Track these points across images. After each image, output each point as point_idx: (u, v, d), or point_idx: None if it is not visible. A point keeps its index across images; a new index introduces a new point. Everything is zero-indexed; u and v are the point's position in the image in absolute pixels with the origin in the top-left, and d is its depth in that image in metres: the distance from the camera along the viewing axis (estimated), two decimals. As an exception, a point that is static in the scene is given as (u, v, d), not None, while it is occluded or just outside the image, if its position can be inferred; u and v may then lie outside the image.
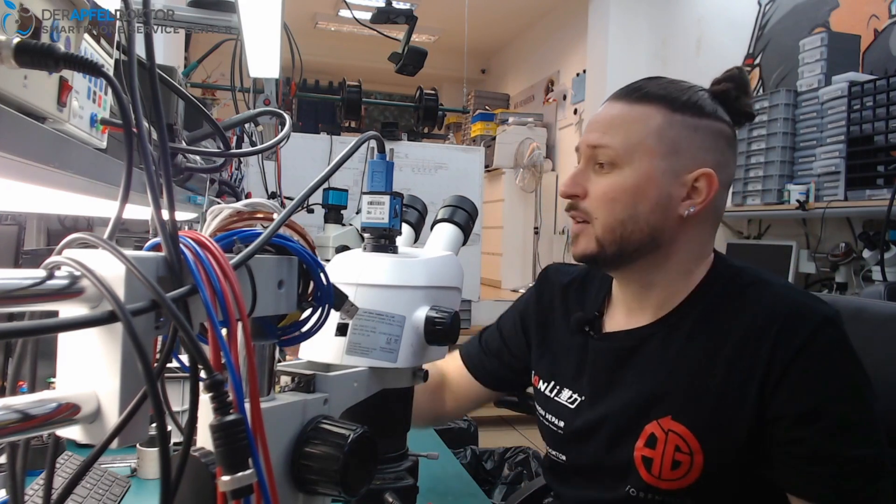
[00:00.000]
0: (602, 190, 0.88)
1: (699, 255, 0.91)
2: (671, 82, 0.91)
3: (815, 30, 3.08)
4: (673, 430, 0.84)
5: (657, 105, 0.87)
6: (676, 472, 0.83)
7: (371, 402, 0.65)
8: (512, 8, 6.09)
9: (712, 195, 0.87)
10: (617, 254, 0.88)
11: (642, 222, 0.86)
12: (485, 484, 1.79)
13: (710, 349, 0.85)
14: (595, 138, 0.89)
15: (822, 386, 0.79)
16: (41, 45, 0.41)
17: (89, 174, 0.56)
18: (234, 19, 1.41)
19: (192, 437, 0.40)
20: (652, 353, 0.90)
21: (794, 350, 0.80)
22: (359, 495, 0.52)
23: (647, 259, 0.89)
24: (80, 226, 1.90)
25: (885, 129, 2.39)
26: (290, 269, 0.52)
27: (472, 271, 3.79)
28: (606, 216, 0.87)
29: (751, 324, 0.83)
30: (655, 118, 0.86)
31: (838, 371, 0.80)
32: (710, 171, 0.86)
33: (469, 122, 6.32)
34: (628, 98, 0.89)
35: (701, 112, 0.88)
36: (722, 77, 0.92)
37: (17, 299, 0.35)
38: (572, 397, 0.97)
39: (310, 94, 5.67)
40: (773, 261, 2.94)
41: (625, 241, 0.87)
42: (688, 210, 0.87)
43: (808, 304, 0.83)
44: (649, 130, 0.86)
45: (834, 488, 0.78)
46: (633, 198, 0.86)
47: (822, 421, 0.78)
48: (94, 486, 1.10)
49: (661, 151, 0.86)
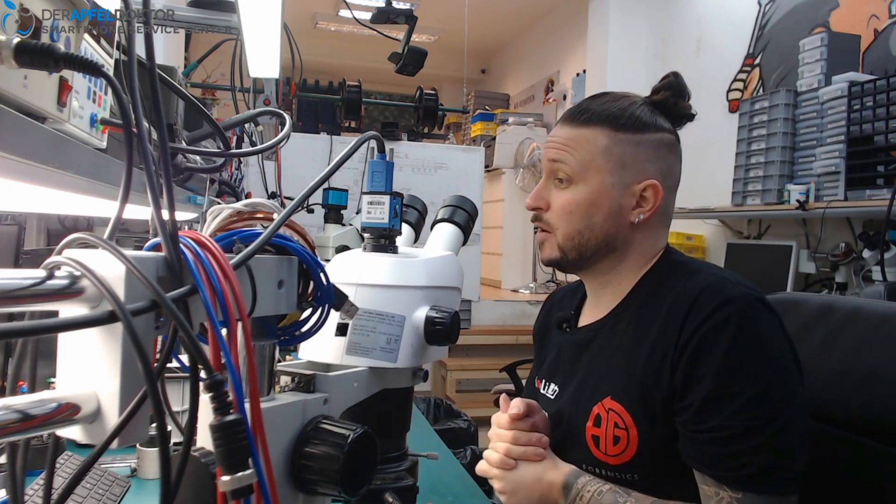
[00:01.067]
0: (561, 204, 0.99)
1: (650, 254, 1.01)
2: (614, 100, 1.00)
3: (815, 30, 3.08)
4: (612, 409, 0.93)
5: (601, 126, 0.97)
6: (617, 447, 0.92)
7: (371, 402, 0.65)
8: (512, 8, 6.09)
9: (659, 202, 0.97)
10: (577, 258, 1.00)
11: (597, 231, 0.97)
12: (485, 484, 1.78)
13: (642, 334, 0.94)
14: (554, 153, 1.00)
15: (707, 358, 0.85)
16: (41, 45, 0.41)
17: (89, 174, 0.56)
18: (234, 19, 1.41)
19: (192, 437, 0.40)
20: (601, 342, 1.00)
21: (693, 328, 0.87)
22: (359, 495, 0.52)
23: (604, 262, 1.00)
24: (80, 226, 1.90)
25: (885, 129, 2.39)
26: (290, 269, 0.52)
27: (472, 271, 3.78)
28: (565, 226, 0.99)
29: (670, 308, 0.91)
30: (601, 139, 0.97)
31: (725, 346, 0.84)
32: (654, 181, 0.97)
33: (469, 122, 6.32)
34: (575, 121, 1.00)
35: (641, 128, 0.97)
36: (659, 85, 1.02)
37: (17, 299, 0.35)
38: (553, 389, 1.07)
39: (310, 94, 5.67)
40: (773, 261, 2.94)
41: (583, 247, 0.98)
42: (638, 217, 0.97)
43: (717, 286, 0.89)
44: (597, 150, 0.97)
45: (700, 453, 0.85)
46: (588, 210, 0.97)
47: (698, 393, 0.85)
48: (94, 486, 1.10)
49: (610, 168, 0.96)
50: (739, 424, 0.82)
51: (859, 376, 0.98)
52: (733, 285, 0.89)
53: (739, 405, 0.82)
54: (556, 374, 1.07)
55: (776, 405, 0.83)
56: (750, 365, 0.84)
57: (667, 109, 1.01)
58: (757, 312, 0.87)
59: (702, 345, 0.86)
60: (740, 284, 0.90)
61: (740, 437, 0.82)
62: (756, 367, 0.84)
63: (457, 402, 2.99)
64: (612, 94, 1.02)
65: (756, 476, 0.81)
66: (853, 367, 0.99)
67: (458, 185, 3.69)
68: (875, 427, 0.95)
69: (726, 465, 0.83)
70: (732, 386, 0.83)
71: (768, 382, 0.84)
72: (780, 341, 0.88)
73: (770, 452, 0.82)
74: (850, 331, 1.02)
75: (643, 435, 0.90)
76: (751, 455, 0.82)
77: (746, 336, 0.84)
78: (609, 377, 0.95)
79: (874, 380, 0.96)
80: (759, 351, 0.85)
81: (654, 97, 1.01)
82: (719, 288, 0.88)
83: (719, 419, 0.83)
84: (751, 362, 0.84)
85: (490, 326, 3.83)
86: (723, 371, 0.84)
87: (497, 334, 3.79)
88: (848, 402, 0.99)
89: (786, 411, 0.83)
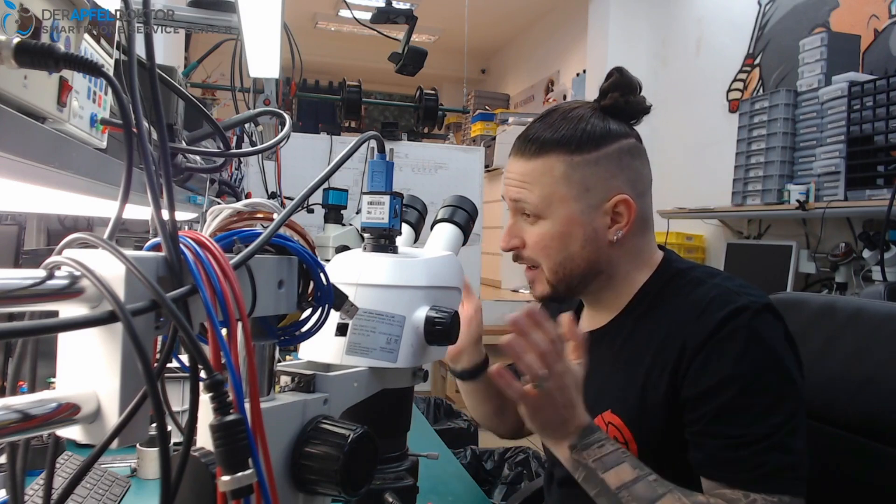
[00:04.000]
0: (534, 240, 0.95)
1: (639, 263, 0.98)
2: (562, 119, 0.94)
3: (815, 30, 3.08)
4: (612, 423, 0.91)
5: (554, 153, 0.92)
6: None
7: (371, 402, 0.65)
8: (512, 8, 6.09)
9: (633, 215, 0.93)
10: (567, 289, 0.97)
11: (578, 259, 0.94)
12: (485, 484, 1.79)
13: (642, 346, 0.92)
14: (514, 193, 0.95)
15: (718, 369, 0.83)
16: (41, 45, 0.41)
17: (89, 174, 0.56)
18: (234, 19, 1.41)
19: (192, 437, 0.40)
20: (601, 354, 0.96)
21: (700, 339, 0.85)
22: (359, 495, 0.52)
23: (593, 284, 0.98)
24: (80, 226, 1.90)
25: (885, 129, 2.39)
26: (290, 269, 0.52)
27: (472, 271, 3.78)
28: (546, 261, 0.95)
29: (673, 319, 0.89)
30: (557, 167, 0.92)
31: (735, 357, 0.83)
32: (624, 196, 0.92)
33: (469, 122, 6.31)
34: (526, 153, 0.94)
35: (596, 144, 0.92)
36: (606, 87, 0.96)
37: (17, 299, 0.35)
38: None
39: (310, 94, 5.66)
40: (773, 261, 2.94)
41: (569, 277, 0.95)
42: (616, 235, 0.94)
43: (723, 296, 0.87)
44: (556, 180, 0.92)
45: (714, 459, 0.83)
46: (563, 241, 0.93)
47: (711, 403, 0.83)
48: (94, 486, 1.10)
49: (574, 195, 0.92)
50: (757, 432, 0.81)
51: (860, 377, 0.98)
52: (739, 295, 0.87)
53: (755, 415, 0.82)
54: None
55: (788, 413, 0.83)
56: (763, 375, 0.83)
57: (619, 110, 0.95)
58: (765, 321, 0.86)
59: (710, 356, 0.84)
60: (745, 294, 0.88)
61: (754, 442, 0.81)
62: (769, 377, 0.83)
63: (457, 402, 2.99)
64: (559, 110, 0.96)
65: (769, 476, 0.81)
66: (854, 368, 0.99)
67: (458, 185, 3.69)
68: (876, 428, 0.95)
69: (743, 467, 0.82)
70: (746, 397, 0.82)
71: (781, 390, 0.83)
72: (788, 349, 0.87)
73: (782, 454, 0.81)
74: (852, 332, 1.02)
75: (643, 449, 0.89)
76: (763, 456, 0.81)
77: (756, 346, 0.83)
78: (609, 390, 0.94)
79: (875, 381, 0.96)
80: (771, 360, 0.84)
81: (604, 102, 0.95)
82: (726, 299, 0.87)
83: (737, 429, 0.82)
84: (763, 371, 0.83)
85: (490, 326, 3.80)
86: (736, 382, 0.83)
87: (497, 334, 3.76)
88: (849, 402, 0.99)
89: (795, 418, 0.83)
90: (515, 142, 0.97)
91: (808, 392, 0.89)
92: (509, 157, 0.98)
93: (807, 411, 1.02)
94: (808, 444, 0.84)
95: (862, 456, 0.96)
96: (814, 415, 1.02)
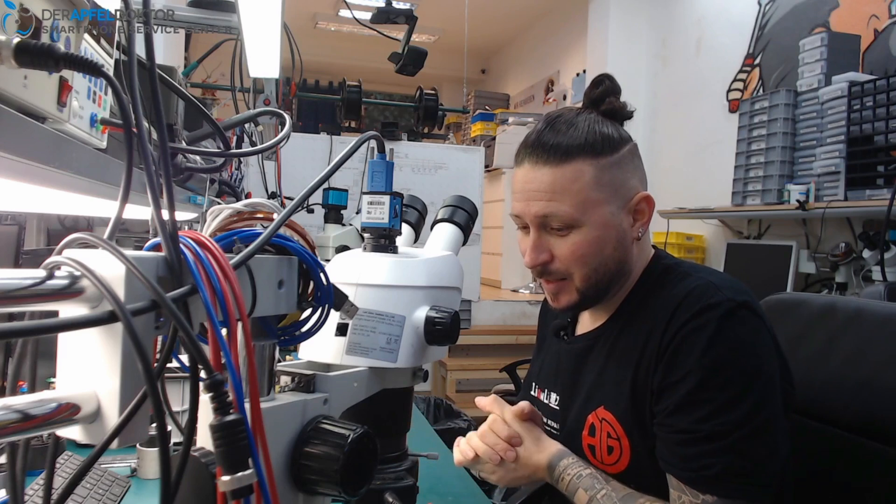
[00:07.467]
0: (569, 250, 0.93)
1: (643, 259, 1.01)
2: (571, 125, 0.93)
3: (815, 30, 3.07)
4: (605, 419, 0.93)
5: (580, 158, 0.91)
6: (612, 456, 0.92)
7: (371, 402, 0.65)
8: (512, 8, 6.09)
9: (652, 209, 0.97)
10: (597, 295, 0.97)
11: (610, 262, 0.95)
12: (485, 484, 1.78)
13: (633, 342, 0.93)
14: (542, 208, 0.92)
15: (683, 362, 0.85)
16: (41, 45, 0.41)
17: (89, 174, 0.56)
18: (234, 19, 1.41)
19: (192, 437, 0.40)
20: (597, 353, 0.99)
21: (674, 331, 0.87)
22: (359, 495, 0.52)
23: (617, 284, 0.98)
24: (80, 226, 1.90)
25: (885, 129, 2.38)
26: (290, 269, 0.52)
27: (472, 271, 3.78)
28: (581, 269, 0.94)
29: (657, 313, 0.91)
30: (587, 171, 0.91)
31: (700, 351, 0.84)
32: (644, 193, 0.96)
33: (469, 122, 6.31)
34: (550, 161, 0.91)
35: (613, 146, 0.94)
36: (600, 94, 0.98)
37: (17, 299, 0.35)
38: (555, 398, 1.06)
39: (310, 94, 5.66)
40: (773, 261, 2.94)
41: (600, 282, 0.95)
42: (639, 232, 0.97)
43: (701, 290, 0.88)
44: (588, 185, 0.91)
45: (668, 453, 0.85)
46: (599, 246, 0.93)
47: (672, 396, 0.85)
48: (94, 486, 1.10)
49: (604, 197, 0.92)
50: (707, 428, 0.82)
51: (860, 377, 0.98)
52: (718, 290, 0.87)
53: (709, 410, 0.82)
54: (557, 383, 1.06)
55: (747, 412, 0.82)
56: (724, 371, 0.83)
57: (615, 114, 0.98)
58: (738, 319, 0.85)
59: (679, 349, 0.85)
60: (726, 289, 0.88)
61: (705, 440, 0.81)
62: (729, 374, 0.83)
63: (457, 402, 2.99)
64: (563, 118, 0.95)
65: (719, 478, 0.80)
66: (855, 369, 0.99)
67: (458, 185, 3.69)
68: (875, 428, 0.95)
69: (689, 465, 0.82)
70: (704, 391, 0.83)
71: (741, 390, 0.82)
72: (761, 349, 0.86)
73: (735, 457, 0.81)
74: (852, 332, 1.02)
75: (635, 445, 0.90)
76: (714, 457, 0.81)
77: (723, 342, 0.84)
78: (602, 387, 0.95)
79: (875, 381, 0.96)
80: (735, 357, 0.84)
81: (604, 107, 0.97)
82: (703, 292, 0.88)
83: (687, 422, 0.83)
84: (725, 368, 0.83)
85: (490, 326, 3.83)
86: (696, 376, 0.83)
87: (497, 334, 3.79)
88: (849, 403, 0.99)
89: (756, 419, 0.82)
90: (528, 153, 0.94)
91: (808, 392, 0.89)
92: (523, 170, 0.94)
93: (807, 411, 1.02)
94: (809, 444, 0.84)
95: (862, 456, 0.96)
96: (814, 415, 1.02)
